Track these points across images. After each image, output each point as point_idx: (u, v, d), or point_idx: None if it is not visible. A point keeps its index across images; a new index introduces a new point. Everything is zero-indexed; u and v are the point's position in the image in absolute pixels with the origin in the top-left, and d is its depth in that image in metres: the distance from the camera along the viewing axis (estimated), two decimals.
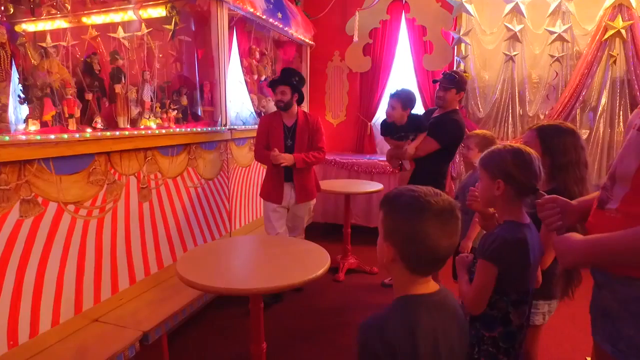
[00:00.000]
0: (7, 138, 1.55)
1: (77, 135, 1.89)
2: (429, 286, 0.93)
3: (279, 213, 2.98)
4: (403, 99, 2.79)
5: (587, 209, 1.14)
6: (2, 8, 2.35)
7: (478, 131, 2.45)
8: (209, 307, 2.60)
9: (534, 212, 1.25)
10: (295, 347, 2.46)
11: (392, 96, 2.84)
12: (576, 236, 1.04)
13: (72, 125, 2.00)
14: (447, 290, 0.98)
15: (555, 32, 3.95)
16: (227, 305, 2.87)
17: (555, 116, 3.95)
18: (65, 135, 1.82)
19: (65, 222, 1.87)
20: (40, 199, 1.74)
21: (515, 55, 4.10)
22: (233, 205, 3.31)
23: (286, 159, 2.82)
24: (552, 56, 4.01)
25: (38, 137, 1.69)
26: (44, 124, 1.89)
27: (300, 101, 2.94)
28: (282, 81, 2.86)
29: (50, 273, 1.79)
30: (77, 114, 2.05)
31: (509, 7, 4.03)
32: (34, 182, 1.71)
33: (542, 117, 4.11)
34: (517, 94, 4.16)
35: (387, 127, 2.94)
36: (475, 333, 1.25)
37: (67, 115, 1.98)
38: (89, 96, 2.20)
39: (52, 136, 1.76)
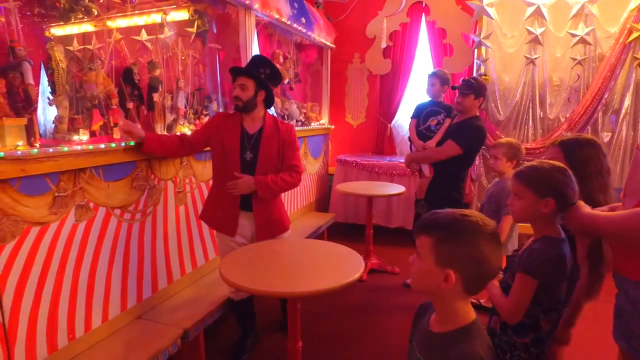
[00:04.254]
0: (66, 149, 1.67)
1: (122, 143, 2.01)
2: (471, 307, 0.99)
3: (232, 247, 2.21)
4: (440, 76, 3.16)
5: None
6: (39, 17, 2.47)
7: (503, 140, 2.49)
8: None
9: (562, 224, 1.33)
10: (323, 346, 2.56)
11: (431, 75, 3.19)
12: (585, 208, 1.23)
13: (116, 133, 2.12)
14: None
15: (578, 35, 3.96)
16: (260, 304, 2.98)
17: (577, 119, 3.97)
18: (113, 144, 1.94)
19: (113, 225, 1.99)
20: (91, 204, 1.86)
21: (536, 58, 4.12)
22: None
23: (243, 186, 2.11)
24: (574, 59, 4.02)
25: (91, 147, 1.81)
26: (91, 133, 2.01)
27: (268, 103, 2.25)
28: (244, 70, 2.18)
29: (100, 273, 1.92)
30: (121, 122, 2.16)
31: (530, 10, 4.05)
32: (87, 188, 1.83)
33: (562, 119, 4.13)
34: (537, 96, 4.19)
35: (419, 108, 3.25)
36: (506, 339, 1.32)
37: (112, 125, 2.10)
38: (130, 105, 2.32)
39: (102, 145, 1.88)
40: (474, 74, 4.27)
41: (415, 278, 0.99)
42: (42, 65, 2.02)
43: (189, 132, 2.60)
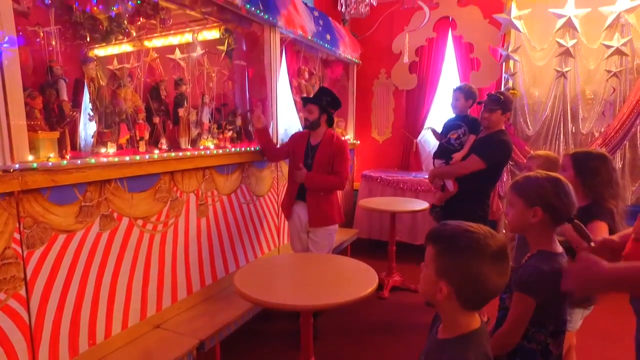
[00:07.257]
0: (93, 161, 1.76)
1: (147, 156, 2.09)
2: (477, 318, 0.98)
3: (296, 232, 2.94)
4: (464, 90, 3.11)
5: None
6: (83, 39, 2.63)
7: (541, 152, 2.42)
8: (258, 319, 2.72)
9: (564, 240, 1.27)
10: None
11: (455, 90, 3.14)
12: (603, 263, 1.02)
13: (142, 147, 2.21)
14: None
15: (613, 46, 3.81)
16: (276, 318, 2.98)
17: (612, 134, 3.79)
18: (138, 157, 2.03)
19: (135, 235, 2.06)
20: (115, 215, 1.94)
21: (567, 71, 3.99)
22: (282, 220, 3.44)
23: (298, 175, 2.80)
24: (608, 71, 3.86)
25: (116, 159, 1.90)
26: (119, 147, 2.11)
27: (329, 123, 2.90)
28: (311, 99, 2.89)
29: (122, 281, 1.99)
30: (147, 136, 2.26)
31: (560, 22, 3.94)
32: (111, 199, 1.91)
33: (596, 134, 3.96)
34: (569, 110, 4.04)
35: (445, 125, 3.19)
36: None
37: (138, 138, 2.19)
38: (157, 120, 2.42)
39: (127, 158, 1.97)
40: (502, 89, 4.18)
41: (420, 284, 1.02)
42: (86, 84, 2.16)
43: (212, 146, 2.68)
